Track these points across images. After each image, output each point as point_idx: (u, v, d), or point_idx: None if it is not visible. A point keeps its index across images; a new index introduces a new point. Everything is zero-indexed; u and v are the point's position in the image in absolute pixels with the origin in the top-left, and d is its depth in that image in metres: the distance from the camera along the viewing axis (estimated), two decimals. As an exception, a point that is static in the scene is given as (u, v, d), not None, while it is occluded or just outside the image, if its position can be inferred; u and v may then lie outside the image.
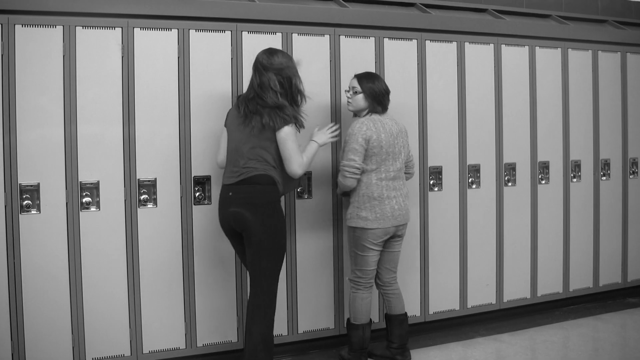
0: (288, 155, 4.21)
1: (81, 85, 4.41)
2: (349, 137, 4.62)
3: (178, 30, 4.64)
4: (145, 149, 4.57)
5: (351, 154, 4.57)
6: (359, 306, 4.74)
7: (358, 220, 4.64)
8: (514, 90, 5.82)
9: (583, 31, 6.31)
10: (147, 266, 4.60)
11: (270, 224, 4.22)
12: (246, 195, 4.25)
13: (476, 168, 5.64)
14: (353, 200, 4.67)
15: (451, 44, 5.54)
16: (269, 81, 4.22)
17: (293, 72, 4.31)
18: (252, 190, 4.24)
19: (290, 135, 4.20)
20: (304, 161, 4.28)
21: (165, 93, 4.61)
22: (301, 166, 4.24)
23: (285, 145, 4.21)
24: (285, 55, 4.35)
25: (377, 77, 4.75)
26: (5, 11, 4.26)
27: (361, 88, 4.66)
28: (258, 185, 4.23)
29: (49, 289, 4.39)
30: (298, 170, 4.24)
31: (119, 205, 4.53)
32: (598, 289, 6.38)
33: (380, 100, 4.68)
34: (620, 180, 6.44)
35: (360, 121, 4.65)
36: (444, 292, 5.58)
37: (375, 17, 5.33)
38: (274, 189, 4.26)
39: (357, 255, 4.71)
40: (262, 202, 4.22)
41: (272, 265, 4.26)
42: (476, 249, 5.68)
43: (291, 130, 4.21)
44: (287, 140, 4.20)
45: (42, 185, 4.33)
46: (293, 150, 4.21)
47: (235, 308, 4.87)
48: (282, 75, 4.25)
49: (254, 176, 4.24)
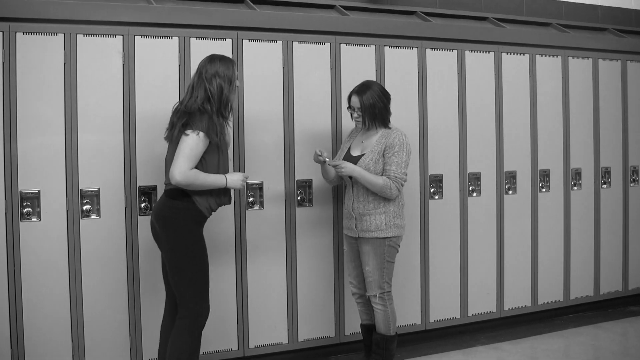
0: (175, 156, 3.84)
1: (82, 93, 4.41)
2: (400, 148, 4.46)
3: (179, 38, 4.65)
4: (146, 156, 4.57)
5: (405, 168, 4.46)
6: (395, 315, 4.66)
7: (395, 229, 4.52)
8: (515, 98, 5.82)
9: (583, 39, 6.31)
10: (146, 274, 4.59)
11: (176, 242, 3.94)
12: (160, 208, 4.04)
13: (477, 176, 5.64)
14: (387, 210, 4.49)
15: (452, 52, 5.54)
16: (199, 89, 3.97)
17: (227, 81, 4.00)
18: (165, 203, 4.01)
19: (189, 140, 3.84)
20: (190, 172, 3.84)
21: (166, 100, 4.61)
22: (182, 174, 3.80)
23: (179, 147, 3.86)
24: (225, 63, 4.04)
25: (375, 87, 4.54)
26: (7, 19, 4.27)
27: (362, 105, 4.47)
28: (171, 199, 3.97)
29: (49, 296, 4.38)
30: (176, 175, 3.80)
31: (119, 212, 4.54)
32: (599, 297, 6.37)
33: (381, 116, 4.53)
34: (621, 188, 6.44)
35: (401, 131, 4.53)
36: (444, 300, 5.57)
37: (376, 25, 5.33)
38: (188, 205, 3.95)
39: (389, 265, 4.56)
40: (172, 217, 3.95)
41: (185, 283, 3.95)
42: (477, 257, 5.67)
43: (194, 136, 3.84)
44: (183, 143, 3.85)
45: (42, 192, 4.33)
46: (182, 154, 3.83)
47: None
48: (214, 85, 3.97)
49: (170, 190, 4.00)
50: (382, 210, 4.49)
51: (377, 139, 4.52)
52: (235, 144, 4.79)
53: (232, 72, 4.05)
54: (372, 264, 4.52)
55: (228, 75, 4.02)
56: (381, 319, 4.58)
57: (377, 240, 4.50)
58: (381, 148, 4.48)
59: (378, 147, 4.49)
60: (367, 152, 4.51)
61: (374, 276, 4.52)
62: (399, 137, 4.48)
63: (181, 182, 3.83)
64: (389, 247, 4.53)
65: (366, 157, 4.49)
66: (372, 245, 4.51)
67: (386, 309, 4.56)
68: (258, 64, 4.87)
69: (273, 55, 4.92)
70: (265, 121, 4.91)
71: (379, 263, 4.52)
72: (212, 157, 3.97)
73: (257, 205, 4.90)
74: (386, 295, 4.56)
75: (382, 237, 4.49)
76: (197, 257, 3.99)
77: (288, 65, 4.95)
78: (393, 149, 4.45)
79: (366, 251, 4.54)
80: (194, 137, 3.85)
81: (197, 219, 4.00)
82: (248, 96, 4.84)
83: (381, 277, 4.53)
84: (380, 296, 4.54)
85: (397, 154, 4.45)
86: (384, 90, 4.58)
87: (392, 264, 4.58)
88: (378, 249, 4.51)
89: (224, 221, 4.76)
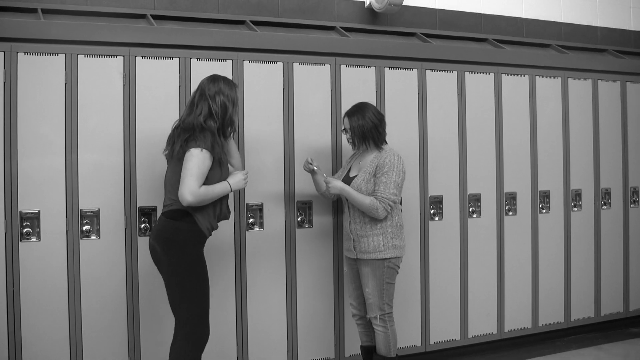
0: (183, 176, 3.79)
1: (82, 113, 4.42)
2: (390, 168, 4.41)
3: (179, 59, 4.66)
4: (146, 177, 4.56)
5: (395, 189, 4.40)
6: (396, 337, 4.62)
7: (394, 250, 4.47)
8: (515, 119, 5.83)
9: (583, 60, 6.34)
10: (146, 295, 4.58)
11: (179, 263, 3.89)
12: (161, 229, 3.98)
13: (477, 197, 5.64)
14: (384, 231, 4.46)
15: (452, 73, 5.55)
16: (202, 106, 3.94)
17: (230, 101, 4.00)
18: (166, 224, 3.95)
19: (194, 157, 3.81)
20: (200, 191, 3.80)
21: (167, 121, 4.61)
22: (192, 194, 3.76)
23: (185, 165, 3.81)
24: (227, 83, 4.04)
25: (366, 109, 4.53)
26: (8, 39, 4.29)
27: (350, 126, 4.50)
28: (172, 220, 3.93)
29: (48, 317, 4.36)
30: (187, 196, 3.76)
31: (119, 233, 4.53)
32: (600, 319, 6.34)
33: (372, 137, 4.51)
34: (621, 210, 6.43)
35: (394, 152, 4.50)
36: (444, 321, 5.55)
37: (376, 47, 5.35)
38: (190, 226, 3.91)
39: (389, 287, 4.51)
40: (174, 239, 3.90)
41: (186, 306, 3.91)
42: (477, 278, 5.66)
43: (198, 152, 3.81)
44: (188, 161, 3.81)
45: (42, 212, 4.33)
46: (190, 173, 3.79)
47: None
48: (218, 102, 3.95)
49: (173, 210, 3.94)
50: (380, 231, 4.47)
51: (371, 160, 4.51)
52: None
53: (235, 93, 4.05)
54: (371, 285, 4.49)
55: (232, 96, 4.02)
56: (382, 340, 4.55)
57: (375, 262, 4.47)
58: (373, 168, 4.47)
59: (370, 168, 4.48)
60: (360, 173, 4.52)
61: (374, 298, 4.49)
62: (389, 158, 4.45)
63: (193, 202, 3.79)
64: (388, 269, 4.49)
65: (359, 177, 4.50)
66: (371, 266, 4.48)
67: (387, 330, 4.53)
68: (258, 85, 4.88)
69: (273, 77, 4.93)
70: (266, 142, 4.91)
71: (378, 285, 4.48)
72: (214, 173, 3.94)
73: (257, 227, 4.89)
74: (387, 316, 4.53)
75: (380, 259, 4.46)
76: (199, 278, 3.95)
77: (288, 87, 4.96)
78: (383, 169, 4.42)
79: (365, 273, 4.52)
80: (199, 154, 3.81)
81: (200, 239, 3.98)
82: (248, 117, 4.84)
83: (381, 298, 4.49)
84: (381, 317, 4.51)
85: (387, 174, 4.41)
86: (376, 112, 4.55)
87: (392, 285, 4.55)
88: (377, 271, 4.47)
89: (224, 242, 4.75)
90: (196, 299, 3.93)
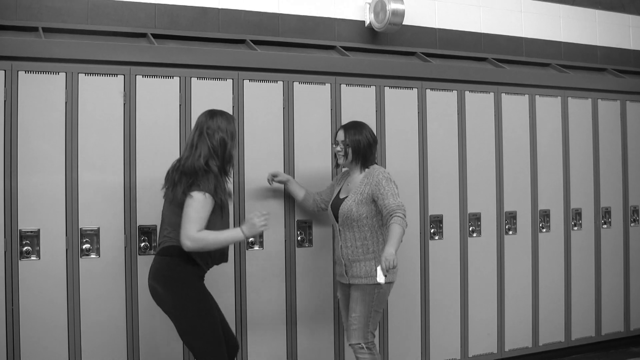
0: (182, 222, 3.72)
1: (83, 132, 4.42)
2: (387, 182, 4.27)
3: (180, 78, 4.67)
4: (146, 196, 4.56)
5: (399, 197, 4.23)
6: None
7: (387, 275, 4.17)
8: (515, 139, 5.84)
9: (583, 80, 6.35)
10: (146, 314, 4.56)
11: (183, 300, 3.81)
12: (158, 267, 3.90)
13: (477, 216, 5.63)
14: (376, 256, 4.31)
15: (452, 92, 5.57)
16: (201, 147, 3.85)
17: (229, 136, 3.91)
18: (162, 261, 3.88)
19: (195, 202, 3.72)
20: (198, 236, 3.71)
21: (167, 140, 4.63)
22: (191, 239, 3.70)
23: (185, 210, 3.73)
24: (226, 118, 3.95)
25: (363, 127, 4.45)
26: (9, 57, 4.30)
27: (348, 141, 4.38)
28: (168, 257, 3.85)
29: (48, 336, 4.34)
30: (186, 242, 3.70)
31: (119, 252, 4.52)
32: (600, 338, 6.32)
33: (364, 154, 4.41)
34: (622, 228, 6.42)
35: (381, 169, 4.38)
36: (445, 340, 5.53)
37: (376, 66, 5.37)
38: (187, 261, 3.82)
39: (376, 315, 4.35)
40: (172, 275, 3.83)
41: (200, 344, 3.80)
42: (477, 298, 5.64)
43: (199, 196, 3.72)
44: (189, 207, 3.72)
45: (42, 231, 4.32)
46: (189, 219, 3.70)
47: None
48: (216, 137, 3.86)
49: (167, 247, 3.85)
50: (372, 255, 4.33)
51: (361, 180, 4.39)
52: (235, 184, 4.78)
53: (234, 127, 3.97)
54: (359, 310, 4.32)
55: (230, 130, 3.93)
56: None
57: (367, 287, 4.31)
58: (366, 189, 4.33)
59: (362, 187, 4.36)
60: (350, 194, 4.40)
61: (359, 324, 4.32)
62: (381, 174, 4.32)
63: (193, 247, 3.73)
64: (378, 295, 4.32)
65: (349, 199, 4.38)
66: (362, 291, 4.33)
67: (374, 356, 4.36)
68: (258, 104, 4.88)
69: (273, 96, 4.94)
70: (265, 161, 4.90)
71: (366, 311, 4.31)
72: (215, 216, 3.84)
73: (257, 245, 4.89)
74: (371, 344, 4.35)
75: (372, 284, 4.29)
76: (208, 313, 3.85)
77: (288, 106, 4.97)
78: (380, 184, 4.27)
79: (355, 297, 4.36)
80: (200, 198, 3.72)
81: (199, 273, 3.91)
82: (248, 136, 4.85)
83: (366, 326, 4.32)
84: (366, 345, 4.33)
85: (386, 187, 4.25)
86: (371, 132, 4.47)
87: (379, 315, 4.40)
88: (367, 296, 4.31)
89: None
90: (208, 332, 3.82)
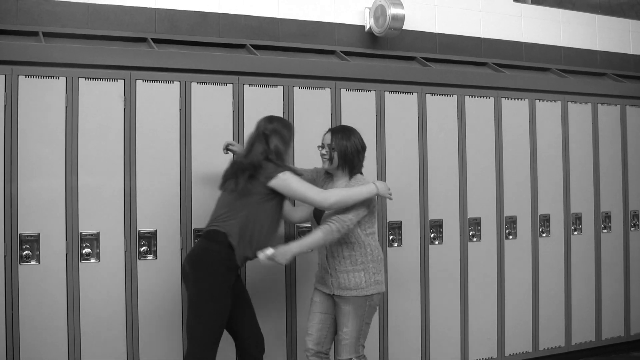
0: (300, 195, 3.98)
1: (83, 136, 4.43)
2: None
3: (180, 82, 4.68)
4: (146, 201, 4.57)
5: (354, 215, 4.06)
6: None
7: (376, 286, 4.17)
8: (515, 143, 5.84)
9: (582, 84, 6.36)
10: (146, 319, 4.56)
11: (205, 284, 3.89)
12: (194, 248, 4.12)
13: (477, 221, 5.63)
14: (365, 267, 4.14)
15: (452, 97, 5.57)
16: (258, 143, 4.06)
17: (284, 141, 4.10)
18: (200, 244, 4.07)
19: (287, 179, 3.95)
20: (326, 194, 3.96)
21: (166, 145, 4.63)
22: (322, 199, 3.95)
23: (290, 188, 3.97)
24: (283, 123, 4.17)
25: (352, 132, 4.24)
26: (9, 62, 4.31)
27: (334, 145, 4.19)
28: (206, 240, 4.00)
29: (48, 341, 4.34)
30: (320, 200, 3.97)
31: (119, 256, 4.52)
32: (601, 343, 6.31)
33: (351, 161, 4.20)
34: (622, 233, 6.42)
35: (362, 179, 4.21)
36: (445, 345, 5.52)
37: (376, 71, 5.37)
38: (222, 248, 3.91)
39: (366, 327, 4.22)
40: (202, 259, 3.95)
41: (200, 328, 3.87)
42: (477, 302, 5.64)
43: (287, 175, 3.95)
44: (289, 184, 3.96)
45: (42, 235, 4.32)
46: (301, 192, 3.96)
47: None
48: (274, 140, 4.05)
49: (208, 231, 4.01)
50: (361, 267, 4.16)
51: (343, 187, 4.18)
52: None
53: (289, 133, 4.17)
54: (351, 325, 4.16)
55: (285, 136, 4.12)
56: None
57: (358, 299, 4.14)
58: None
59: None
60: None
61: (351, 339, 4.16)
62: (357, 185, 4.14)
63: (333, 202, 3.97)
64: (369, 307, 4.19)
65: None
66: (353, 304, 4.15)
67: None
68: (258, 109, 4.86)
69: (274, 100, 4.95)
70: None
71: (357, 325, 4.17)
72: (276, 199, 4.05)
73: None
74: (362, 357, 4.23)
75: (362, 296, 4.14)
76: (220, 303, 3.92)
77: (289, 110, 4.97)
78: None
79: (346, 312, 4.17)
80: (283, 176, 3.95)
81: (229, 264, 3.95)
82: (248, 140, 4.85)
83: (357, 339, 4.18)
84: (358, 359, 4.22)
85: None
86: (361, 139, 4.25)
87: (369, 326, 4.26)
88: (359, 310, 4.15)
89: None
90: (211, 322, 3.89)
